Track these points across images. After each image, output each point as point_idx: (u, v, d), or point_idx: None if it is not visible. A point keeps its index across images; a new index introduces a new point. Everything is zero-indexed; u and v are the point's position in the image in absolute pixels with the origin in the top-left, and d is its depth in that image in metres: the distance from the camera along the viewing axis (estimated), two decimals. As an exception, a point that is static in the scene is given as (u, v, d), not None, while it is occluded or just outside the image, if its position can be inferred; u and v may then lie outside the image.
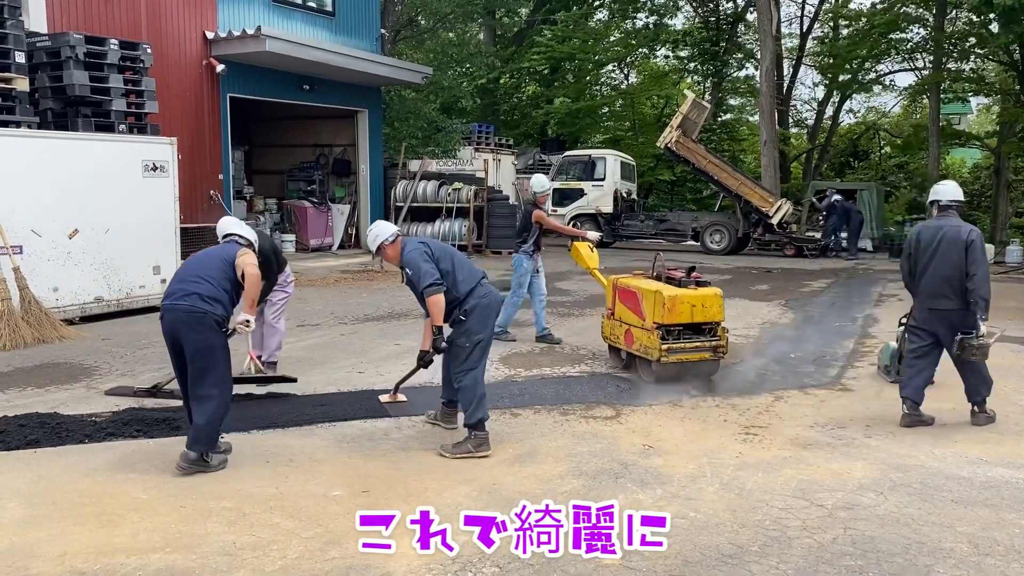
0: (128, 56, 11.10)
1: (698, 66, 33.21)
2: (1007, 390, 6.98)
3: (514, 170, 24.87)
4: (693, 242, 21.68)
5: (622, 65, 34.92)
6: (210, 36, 15.19)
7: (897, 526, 4.31)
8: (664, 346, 6.88)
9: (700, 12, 32.75)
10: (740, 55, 32.82)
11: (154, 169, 10.67)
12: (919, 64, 28.36)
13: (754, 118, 32.29)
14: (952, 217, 6.29)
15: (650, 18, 31.60)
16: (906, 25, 25.51)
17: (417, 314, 9.49)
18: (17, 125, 9.65)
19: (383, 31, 21.41)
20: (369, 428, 5.94)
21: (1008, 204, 26.39)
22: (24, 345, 8.61)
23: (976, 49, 24.71)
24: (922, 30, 25.92)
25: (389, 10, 25.63)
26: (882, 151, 34.94)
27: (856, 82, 28.92)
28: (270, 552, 3.96)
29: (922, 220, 25.98)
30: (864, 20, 26.40)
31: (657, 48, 33.09)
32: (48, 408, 6.25)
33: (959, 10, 24.33)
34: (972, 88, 26.48)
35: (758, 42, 25.70)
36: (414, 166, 19.93)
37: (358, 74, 17.57)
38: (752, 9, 29.35)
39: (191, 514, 4.39)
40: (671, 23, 32.30)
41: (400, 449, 5.50)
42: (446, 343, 5.55)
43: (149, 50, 11.44)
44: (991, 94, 28.44)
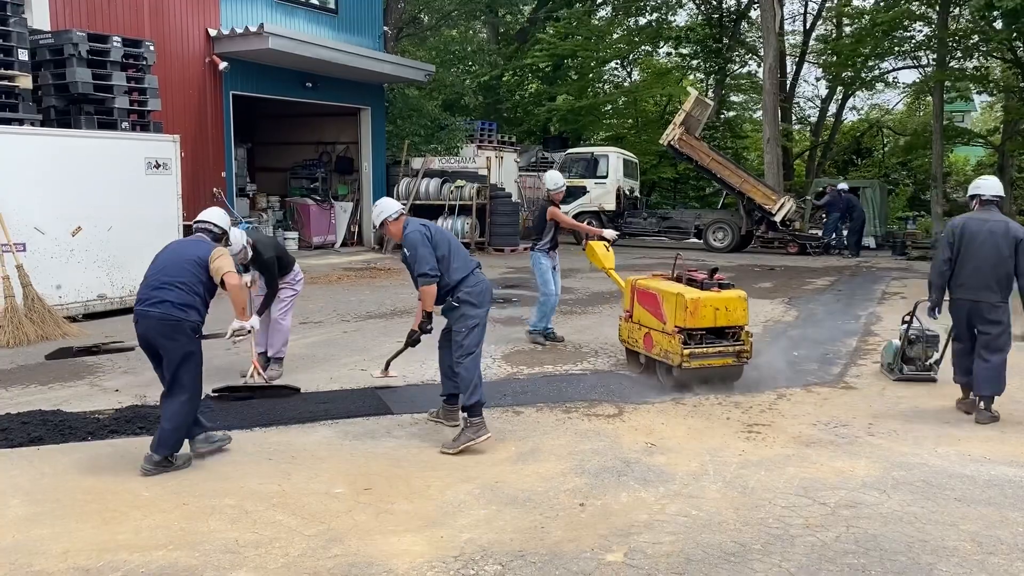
0: (131, 53, 11.10)
1: (701, 63, 33.16)
2: (1011, 388, 6.94)
3: (516, 168, 24.86)
4: (696, 240, 21.66)
5: (625, 62, 34.88)
6: (213, 33, 15.20)
7: (900, 524, 4.31)
8: (686, 351, 6.65)
9: (703, 9, 32.71)
10: (743, 52, 32.78)
11: (157, 166, 10.68)
12: (922, 62, 28.29)
13: (757, 115, 32.26)
14: (995, 212, 6.40)
15: (653, 15, 31.56)
16: (909, 23, 25.42)
17: (420, 312, 9.50)
18: (20, 123, 9.67)
19: (386, 28, 21.41)
20: (372, 426, 5.94)
21: (1012, 202, 26.30)
22: (27, 342, 8.63)
23: (980, 46, 24.63)
24: (925, 28, 25.85)
25: (392, 7, 25.62)
26: (885, 149, 34.89)
27: (859, 79, 28.86)
28: (272, 550, 3.96)
29: (921, 217, 25.99)
30: (867, 18, 26.34)
31: (660, 45, 33.04)
32: (51, 405, 6.26)
33: (962, 8, 24.23)
34: (976, 86, 26.39)
35: (761, 39, 25.66)
36: (417, 164, 19.93)
37: (361, 72, 17.57)
38: (755, 6, 29.32)
39: (194, 511, 4.39)
40: (673, 19, 32.28)
41: (402, 447, 5.50)
42: (443, 332, 5.68)
43: (152, 47, 11.44)
44: (995, 92, 28.35)
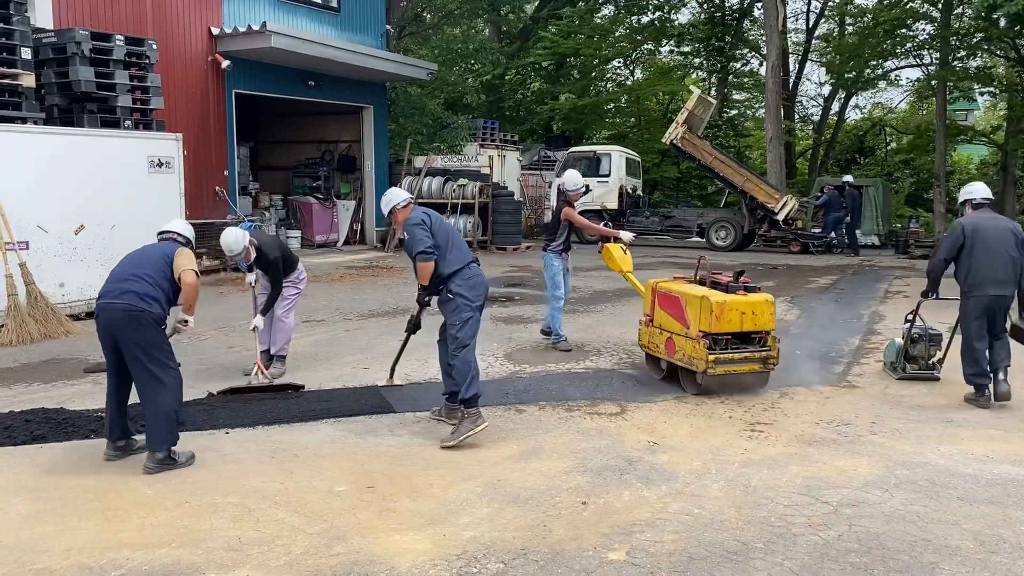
0: (134, 52, 11.12)
1: (703, 61, 33.13)
2: (1014, 387, 6.94)
3: (519, 166, 24.86)
4: (698, 238, 21.64)
5: (627, 61, 34.85)
6: (215, 32, 15.21)
7: (903, 523, 4.30)
8: (711, 356, 6.44)
9: (706, 8, 32.67)
10: (746, 50, 32.74)
11: (160, 165, 10.69)
12: (925, 60, 28.26)
13: (760, 113, 32.21)
14: (991, 212, 6.79)
15: (655, 14, 31.54)
16: (912, 22, 25.38)
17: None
18: (23, 121, 9.68)
19: (388, 27, 21.41)
20: (374, 424, 5.94)
21: (1015, 201, 26.28)
22: (30, 340, 8.65)
23: (983, 45, 24.58)
24: (928, 26, 25.81)
25: (394, 6, 25.61)
26: (888, 147, 34.84)
27: (862, 78, 28.83)
28: (275, 548, 3.96)
29: (919, 214, 25.88)
30: (870, 16, 26.29)
31: (663, 44, 33.01)
32: (54, 403, 6.27)
33: (965, 6, 24.18)
34: (979, 85, 26.34)
35: (764, 37, 25.62)
36: (419, 162, 19.94)
37: (363, 70, 17.58)
38: (758, 5, 29.29)
39: (196, 509, 4.40)
40: (676, 17, 32.26)
41: (405, 445, 5.50)
42: (441, 328, 5.71)
43: (155, 46, 11.45)
44: (998, 92, 28.30)
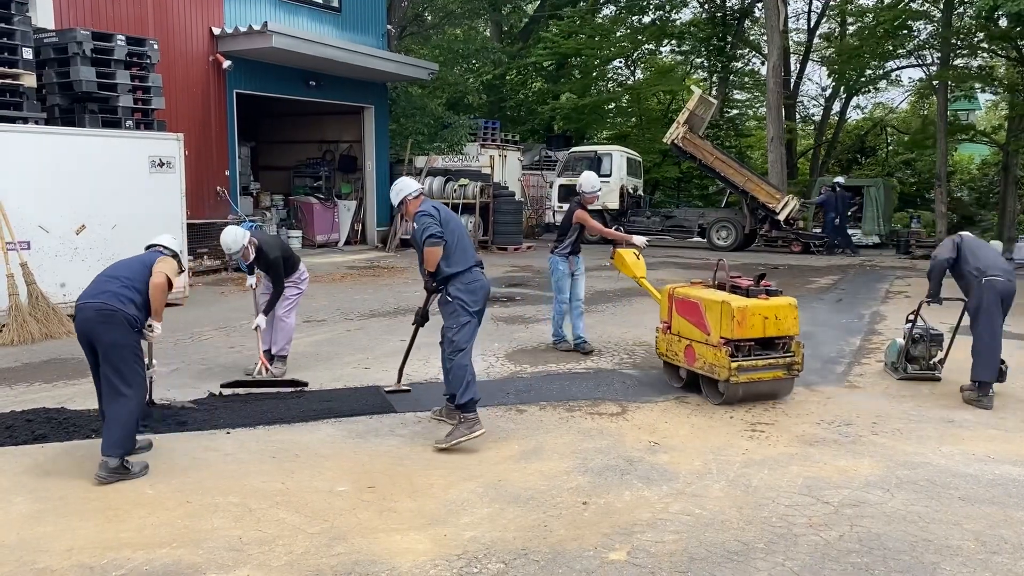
0: (135, 52, 11.12)
1: (704, 61, 33.13)
2: (1015, 387, 6.95)
3: (520, 166, 24.86)
4: (699, 238, 21.64)
5: (628, 61, 34.86)
6: (216, 32, 15.22)
7: (904, 523, 4.30)
8: (734, 364, 6.21)
9: (707, 8, 32.66)
10: (747, 50, 32.73)
11: (161, 165, 10.69)
12: (927, 60, 28.24)
13: (761, 113, 32.19)
14: None
15: (656, 13, 31.55)
16: (912, 22, 25.36)
17: (423, 310, 9.49)
18: (25, 121, 9.68)
19: (389, 27, 21.41)
20: (375, 424, 5.94)
21: (1016, 201, 26.25)
22: (32, 340, 8.65)
23: (983, 44, 24.56)
24: (929, 26, 25.80)
25: (395, 6, 25.63)
26: (889, 148, 34.82)
27: (863, 78, 28.81)
28: (276, 547, 3.97)
29: (918, 214, 25.84)
30: (870, 16, 26.27)
31: (663, 43, 33.01)
32: (55, 403, 6.28)
33: (966, 6, 24.17)
34: (980, 85, 26.32)
35: (765, 37, 25.61)
36: (420, 162, 19.95)
37: (364, 70, 17.59)
38: (759, 4, 29.27)
39: (197, 509, 4.40)
40: (677, 17, 32.26)
41: (405, 445, 5.50)
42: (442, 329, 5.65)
43: (156, 46, 11.45)
44: (999, 91, 28.29)
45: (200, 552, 3.90)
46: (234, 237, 6.84)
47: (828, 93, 32.28)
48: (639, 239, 8.55)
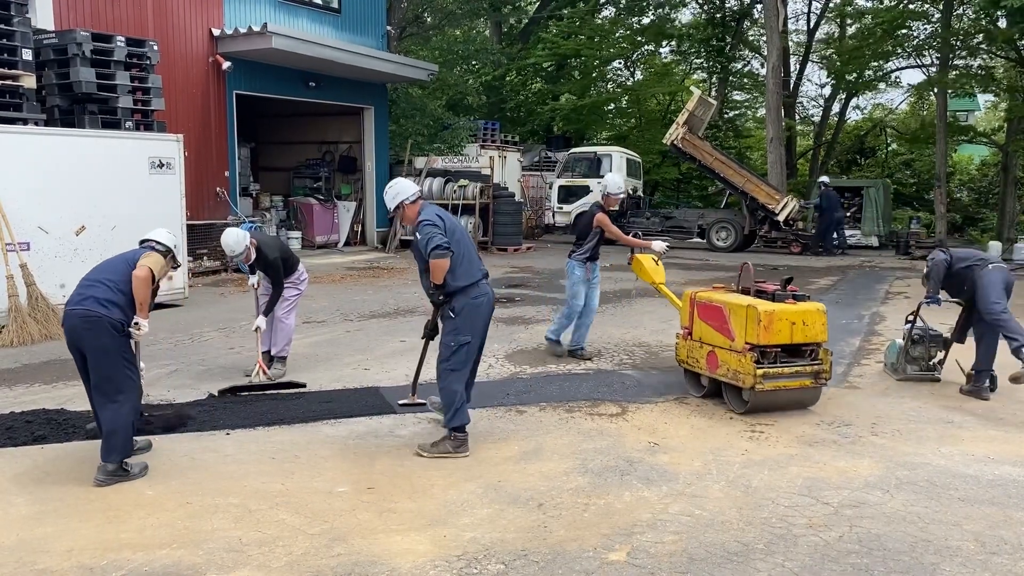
0: (135, 53, 11.12)
1: (704, 62, 33.14)
2: (1013, 389, 6.94)
3: (520, 167, 24.86)
4: (699, 239, 21.65)
5: (628, 62, 34.87)
6: (216, 33, 15.22)
7: (903, 524, 4.30)
8: (759, 371, 5.96)
9: (706, 8, 32.68)
10: (746, 51, 32.73)
11: (161, 166, 10.69)
12: (926, 61, 28.25)
13: (760, 114, 32.20)
14: None
15: (656, 12, 31.54)
16: (912, 22, 25.35)
17: (422, 311, 9.49)
18: (24, 122, 9.68)
19: (389, 28, 21.42)
20: (375, 425, 5.94)
21: (1016, 202, 26.27)
22: (32, 341, 8.65)
23: (983, 45, 24.56)
24: (928, 27, 25.80)
25: (395, 7, 25.62)
26: (889, 148, 34.82)
27: (862, 79, 28.81)
28: (276, 548, 3.97)
29: (916, 214, 25.87)
30: (870, 17, 26.27)
31: (663, 44, 33.02)
32: (55, 404, 6.28)
33: (966, 6, 24.18)
34: (979, 85, 26.33)
35: (764, 38, 25.62)
36: (420, 163, 19.95)
37: (364, 71, 17.59)
38: (758, 5, 29.28)
39: (197, 510, 4.40)
40: (676, 18, 32.24)
41: (405, 446, 5.50)
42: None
43: (156, 47, 11.45)
44: (999, 92, 28.30)
45: (200, 553, 3.90)
46: (236, 239, 6.84)
47: (827, 94, 32.32)
48: (658, 244, 8.22)
